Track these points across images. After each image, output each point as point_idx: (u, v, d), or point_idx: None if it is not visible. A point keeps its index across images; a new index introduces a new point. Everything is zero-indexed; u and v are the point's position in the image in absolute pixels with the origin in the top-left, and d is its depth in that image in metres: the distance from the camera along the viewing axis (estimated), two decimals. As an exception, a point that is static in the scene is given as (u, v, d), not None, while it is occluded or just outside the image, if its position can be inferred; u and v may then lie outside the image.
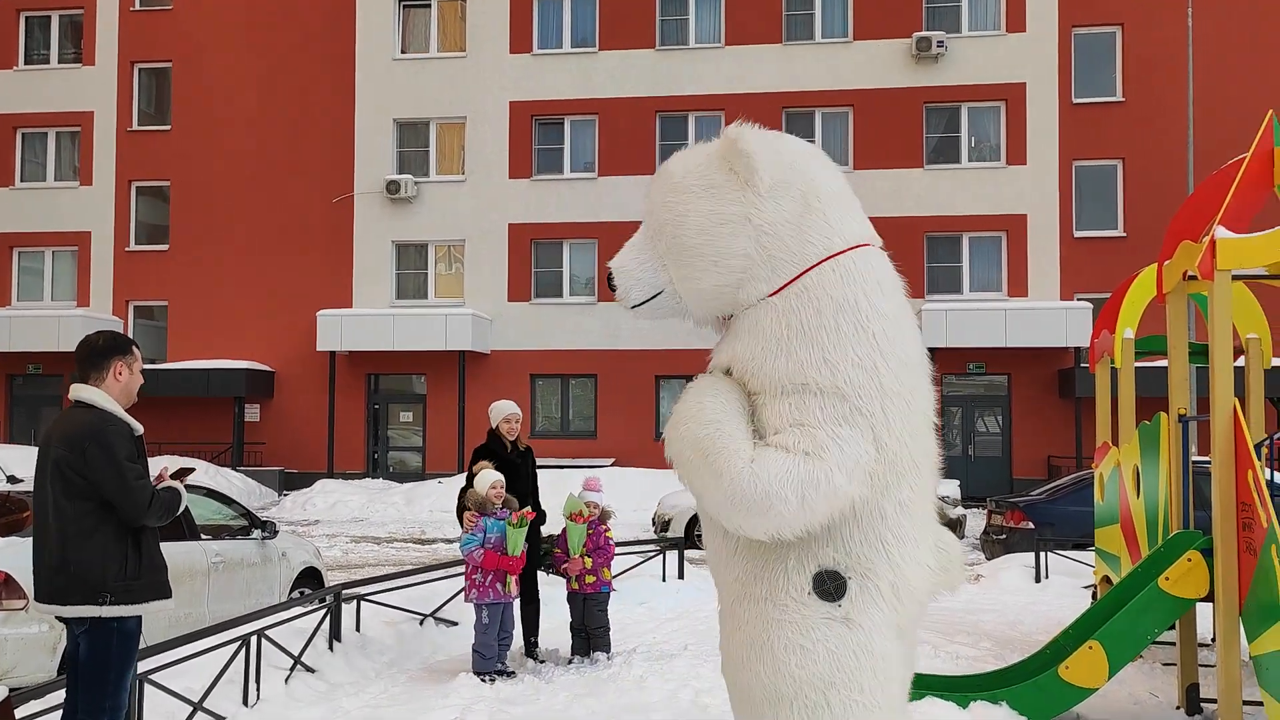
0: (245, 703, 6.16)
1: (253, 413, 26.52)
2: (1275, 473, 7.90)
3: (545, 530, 8.16)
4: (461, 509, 7.50)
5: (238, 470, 24.68)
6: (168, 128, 27.50)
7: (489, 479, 7.42)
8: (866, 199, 3.59)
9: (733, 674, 3.38)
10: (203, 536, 7.99)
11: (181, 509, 4.38)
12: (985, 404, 24.65)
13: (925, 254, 24.40)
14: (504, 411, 7.97)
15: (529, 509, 7.49)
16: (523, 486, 7.79)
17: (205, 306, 26.84)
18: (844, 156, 24.73)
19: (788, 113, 25.05)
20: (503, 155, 26.04)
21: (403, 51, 26.67)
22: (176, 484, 4.39)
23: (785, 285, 3.25)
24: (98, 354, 4.26)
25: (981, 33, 24.82)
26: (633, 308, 3.49)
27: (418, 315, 25.14)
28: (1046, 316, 23.16)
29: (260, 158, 26.88)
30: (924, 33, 24.38)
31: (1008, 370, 24.03)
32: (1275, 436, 7.78)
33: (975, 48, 24.67)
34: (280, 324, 26.41)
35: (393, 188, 25.82)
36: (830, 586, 3.19)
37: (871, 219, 3.58)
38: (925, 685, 5.94)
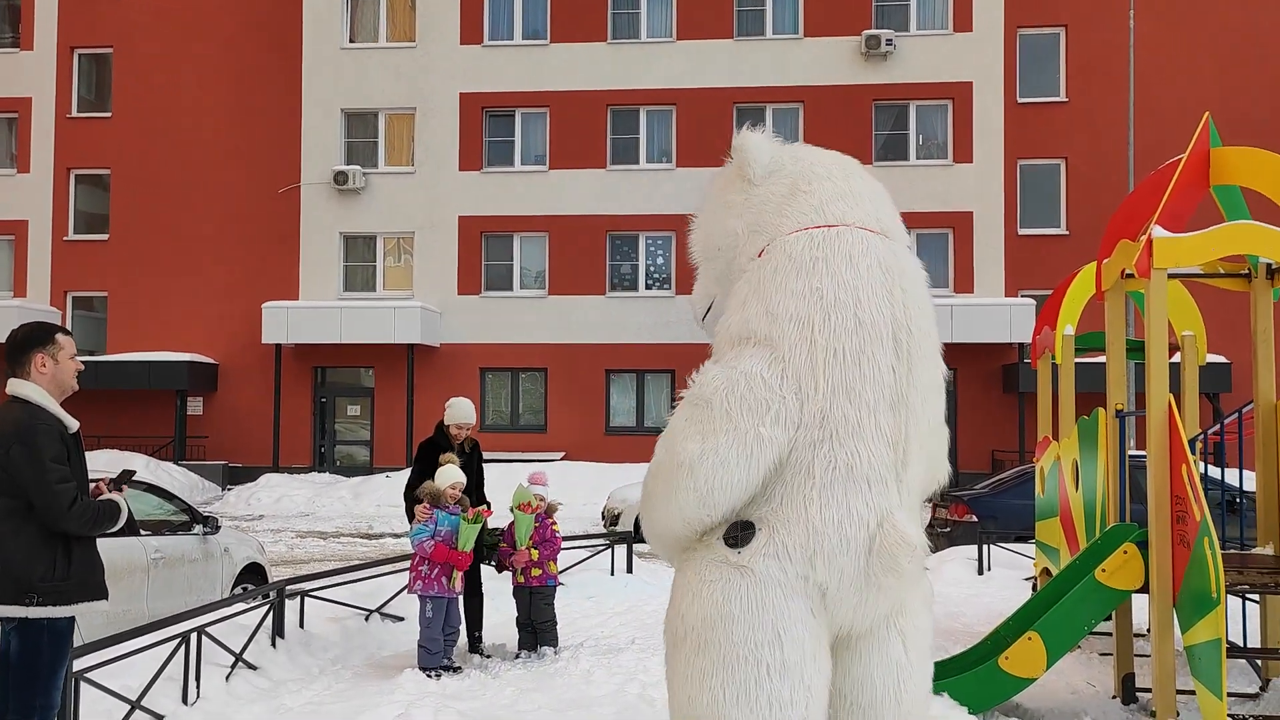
0: (185, 700, 6.06)
1: (195, 406, 26.09)
2: (1209, 467, 8.09)
3: (491, 523, 8.13)
4: (412, 500, 7.45)
5: (179, 465, 24.27)
6: (108, 115, 26.92)
7: (451, 477, 7.38)
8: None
9: None
10: (142, 532, 7.83)
11: (121, 523, 4.22)
12: (931, 399, 24.90)
13: (873, 250, 24.62)
14: (458, 418, 7.91)
15: (485, 507, 7.46)
16: (469, 484, 7.75)
17: (146, 297, 26.33)
18: (794, 152, 24.83)
19: (739, 108, 25.13)
20: (453, 147, 25.83)
21: (351, 40, 26.33)
22: (116, 496, 4.25)
23: (760, 253, 3.47)
24: (16, 348, 4.10)
25: (929, 32, 25.09)
26: (702, 321, 3.83)
27: (366, 308, 24.88)
28: (991, 313, 23.52)
29: (204, 146, 26.41)
30: (873, 31, 24.60)
31: (953, 365, 24.13)
32: (1209, 432, 7.97)
33: (923, 47, 24.94)
34: (224, 316, 26.00)
35: (340, 178, 25.51)
36: (739, 534, 3.18)
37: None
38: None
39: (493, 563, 8.05)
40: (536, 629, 7.87)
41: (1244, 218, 6.33)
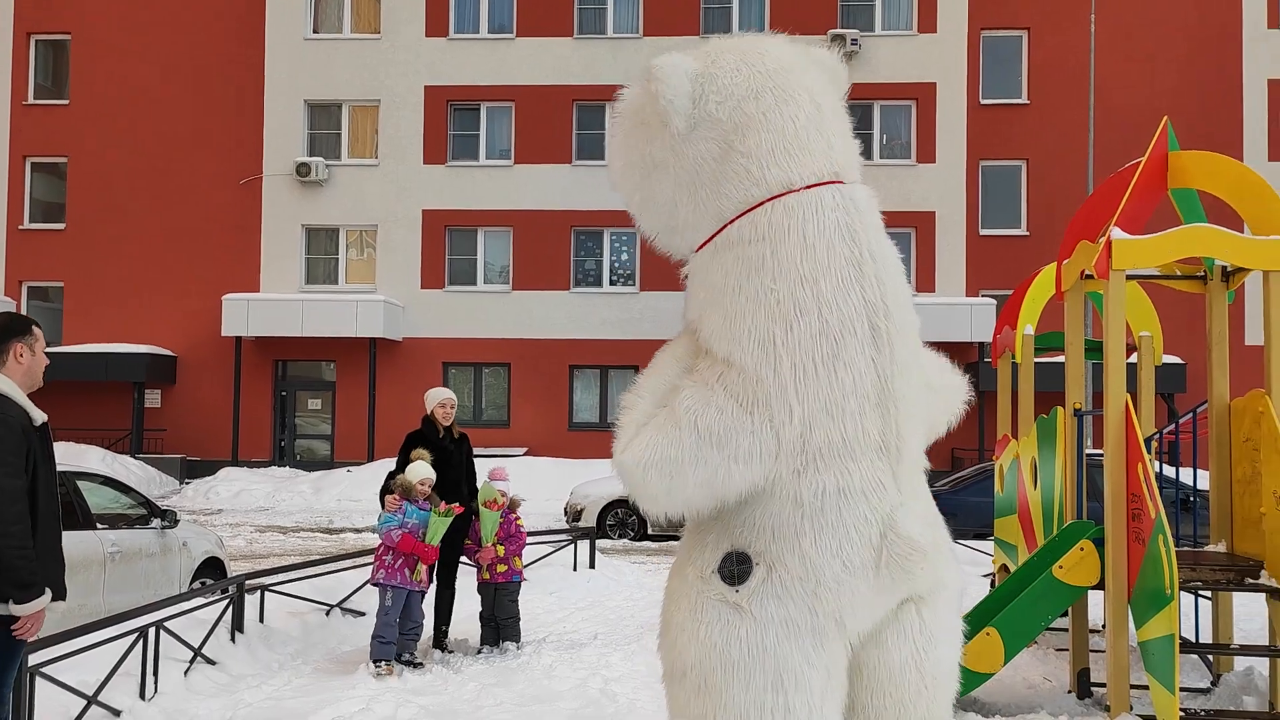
0: (142, 695, 5.99)
1: (153, 398, 25.73)
2: (1164, 466, 8.23)
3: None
4: (385, 490, 7.44)
5: (137, 458, 23.93)
6: (65, 102, 26.44)
7: (420, 473, 7.38)
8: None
9: None
10: (99, 526, 7.73)
11: (31, 602, 3.79)
12: (893, 397, 25.13)
13: (837, 249, 24.78)
14: (438, 396, 7.99)
15: (457, 504, 7.45)
16: (455, 474, 7.77)
17: (104, 288, 25.91)
18: (759, 150, 24.98)
19: (705, 105, 25.17)
20: (417, 140, 25.67)
21: (315, 31, 26.07)
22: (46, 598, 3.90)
23: (705, 242, 3.09)
24: None
25: (894, 32, 25.29)
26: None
27: (328, 301, 24.66)
28: (952, 312, 23.75)
29: (164, 136, 26.02)
30: (838, 30, 24.74)
31: (915, 364, 24.52)
32: (1164, 431, 8.11)
33: (888, 47, 25.12)
34: (183, 307, 25.65)
35: (303, 170, 25.26)
36: (735, 569, 2.95)
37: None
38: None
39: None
40: (500, 624, 7.86)
41: (1200, 221, 6.44)
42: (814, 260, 2.89)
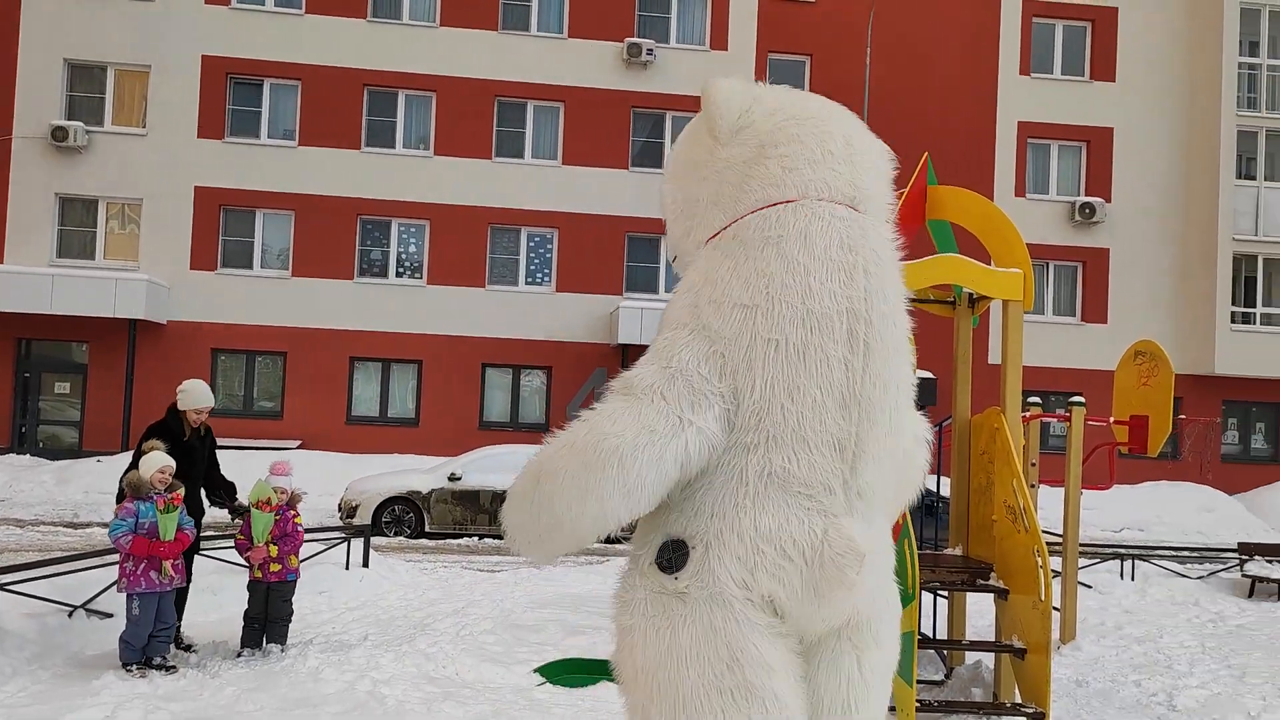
0: None
1: None
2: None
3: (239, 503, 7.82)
4: (123, 491, 6.97)
5: None
6: None
7: (158, 462, 6.94)
8: (571, 196, 3.70)
9: None
10: None
11: None
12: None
13: (626, 253, 25.25)
14: (197, 402, 7.48)
15: (178, 493, 7.02)
16: (197, 470, 7.35)
17: None
18: (554, 152, 25.08)
19: (500, 101, 25.05)
20: (191, 112, 24.20)
21: (80, -15, 24.14)
22: None
23: (717, 234, 3.13)
24: None
25: (688, 46, 26.01)
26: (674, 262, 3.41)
27: (82, 277, 22.82)
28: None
29: (-107, 83, 23.39)
30: (635, 39, 25.21)
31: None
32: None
33: (682, 60, 25.80)
34: (-90, 276, 23.13)
35: (59, 134, 23.30)
36: (672, 556, 2.86)
37: (575, 216, 3.53)
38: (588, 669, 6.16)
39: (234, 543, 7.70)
40: (269, 624, 7.55)
41: (952, 251, 7.02)
42: (810, 254, 2.94)
